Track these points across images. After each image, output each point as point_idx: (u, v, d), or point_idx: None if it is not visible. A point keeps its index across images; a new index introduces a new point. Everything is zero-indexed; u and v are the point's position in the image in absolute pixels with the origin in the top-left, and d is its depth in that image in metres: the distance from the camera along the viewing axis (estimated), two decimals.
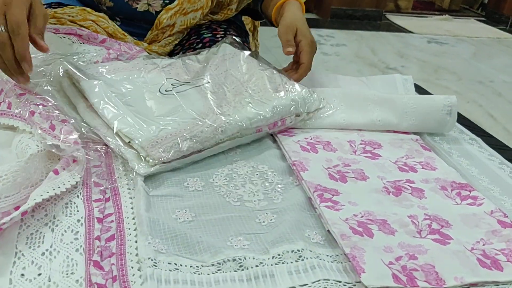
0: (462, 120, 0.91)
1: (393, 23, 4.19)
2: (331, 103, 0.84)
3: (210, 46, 0.93)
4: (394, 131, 0.82)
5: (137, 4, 0.97)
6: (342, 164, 0.72)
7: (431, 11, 4.79)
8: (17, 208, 0.56)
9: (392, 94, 0.93)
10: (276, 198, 0.64)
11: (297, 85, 0.81)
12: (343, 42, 3.46)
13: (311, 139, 0.78)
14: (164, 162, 0.65)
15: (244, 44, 0.98)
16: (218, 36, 1.03)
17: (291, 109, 0.77)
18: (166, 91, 0.76)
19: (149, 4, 0.98)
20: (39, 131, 0.63)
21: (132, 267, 0.50)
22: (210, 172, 0.68)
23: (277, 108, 0.75)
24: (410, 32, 3.94)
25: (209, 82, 0.80)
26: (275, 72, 0.84)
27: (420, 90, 1.04)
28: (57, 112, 0.67)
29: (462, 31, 4.11)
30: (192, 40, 1.04)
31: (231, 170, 0.68)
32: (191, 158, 0.68)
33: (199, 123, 0.70)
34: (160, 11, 0.99)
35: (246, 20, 1.29)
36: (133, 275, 0.49)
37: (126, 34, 1.01)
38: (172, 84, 0.77)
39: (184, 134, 0.67)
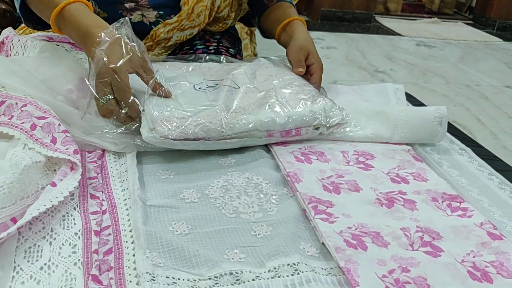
0: (453, 130, 0.93)
1: (382, 26, 4.23)
2: None
3: None
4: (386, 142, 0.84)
5: (131, 15, 0.97)
6: (336, 175, 0.73)
7: (420, 14, 4.84)
8: (13, 219, 0.56)
9: (384, 104, 0.94)
10: (271, 210, 0.65)
11: (326, 99, 0.84)
12: (333, 45, 3.48)
13: (305, 149, 0.79)
14: (168, 138, 0.69)
15: (236, 57, 0.99)
16: (211, 48, 1.05)
17: (308, 119, 0.78)
18: (200, 88, 0.81)
19: (143, 15, 0.98)
20: (39, 146, 0.63)
21: (130, 281, 0.50)
22: (205, 183, 0.68)
23: (292, 116, 0.77)
24: (399, 34, 3.97)
25: (243, 84, 0.84)
26: (306, 84, 0.89)
27: (411, 98, 1.06)
28: (58, 122, 0.67)
29: (450, 34, 4.15)
30: (185, 50, 1.05)
31: (226, 182, 0.69)
32: (197, 144, 0.72)
33: (212, 114, 0.74)
34: (154, 22, 0.99)
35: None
36: None
37: None
38: (207, 85, 0.82)
39: (194, 119, 0.72)
